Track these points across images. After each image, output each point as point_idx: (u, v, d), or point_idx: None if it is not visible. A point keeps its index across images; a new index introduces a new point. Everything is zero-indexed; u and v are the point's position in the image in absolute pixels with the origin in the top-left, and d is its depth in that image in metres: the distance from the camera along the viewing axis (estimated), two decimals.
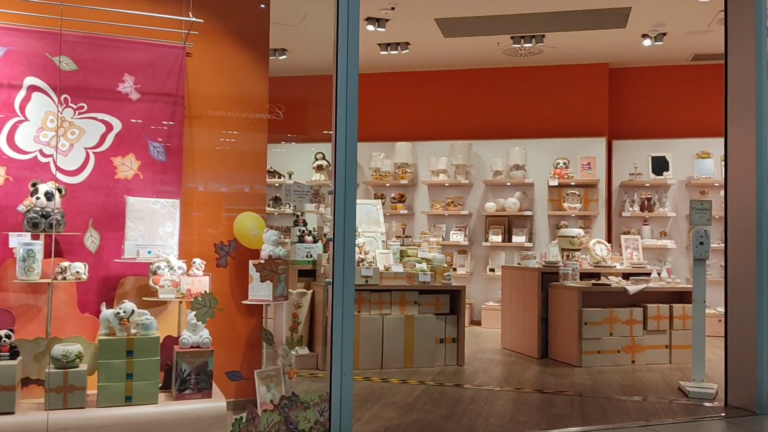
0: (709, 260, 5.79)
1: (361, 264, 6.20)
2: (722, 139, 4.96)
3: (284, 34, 7.95)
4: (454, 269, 9.26)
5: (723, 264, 4.91)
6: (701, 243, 5.32)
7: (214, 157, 4.45)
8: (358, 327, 5.94)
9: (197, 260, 4.01)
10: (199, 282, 3.91)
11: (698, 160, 9.08)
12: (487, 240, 9.40)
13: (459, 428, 4.18)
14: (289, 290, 5.81)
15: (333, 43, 3.73)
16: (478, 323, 9.20)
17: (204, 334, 3.71)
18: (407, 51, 8.90)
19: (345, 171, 3.77)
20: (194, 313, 3.66)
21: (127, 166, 4.11)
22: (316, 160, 9.43)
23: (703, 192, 9.05)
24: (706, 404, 4.87)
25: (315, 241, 6.23)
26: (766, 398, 4.57)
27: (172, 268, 3.87)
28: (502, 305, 7.59)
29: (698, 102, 9.20)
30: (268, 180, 9.11)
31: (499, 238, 9.34)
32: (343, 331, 3.69)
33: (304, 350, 5.97)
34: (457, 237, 9.51)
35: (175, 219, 4.07)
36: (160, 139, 4.20)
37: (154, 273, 3.89)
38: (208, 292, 3.75)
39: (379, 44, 8.76)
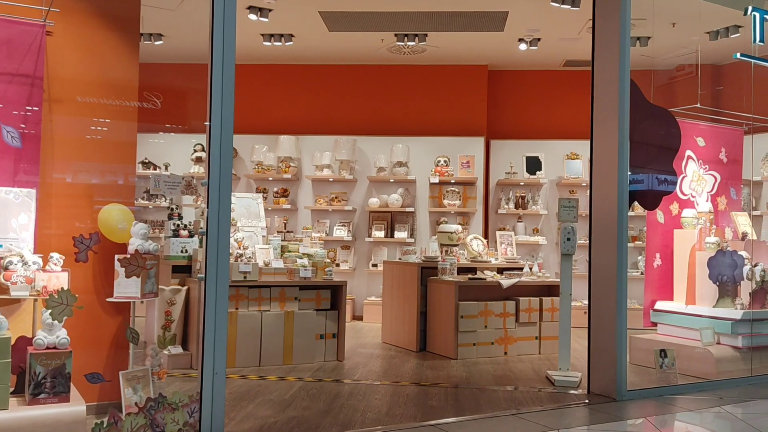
0: (576, 255, 6.13)
1: (239, 259, 6.03)
2: (589, 142, 5.22)
3: (161, 18, 7.60)
4: (338, 265, 9.24)
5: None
6: (568, 239, 5.60)
7: (77, 144, 4.16)
8: (236, 324, 5.78)
9: (55, 255, 3.73)
10: (57, 278, 3.64)
11: (568, 161, 9.58)
12: (370, 235, 9.46)
13: (336, 423, 4.16)
14: (161, 287, 5.56)
15: (208, 29, 3.59)
16: (360, 318, 9.24)
17: (61, 335, 3.46)
18: (291, 43, 8.78)
19: (220, 162, 3.66)
20: (49, 311, 3.40)
21: None
22: (195, 151, 9.12)
23: (572, 191, 9.56)
24: (571, 392, 5.13)
25: (191, 236, 6.00)
26: (625, 386, 4.88)
27: (26, 263, 3.58)
28: (383, 300, 7.66)
29: (569, 106, 9.69)
30: (142, 171, 8.73)
31: (382, 234, 9.42)
32: (216, 328, 3.57)
33: (177, 349, 5.73)
34: (341, 232, 9.50)
35: (31, 210, 3.76)
36: (22, 126, 3.87)
37: (6, 268, 3.58)
38: (65, 288, 3.49)
39: (263, 35, 8.58)
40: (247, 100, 9.56)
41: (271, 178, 9.62)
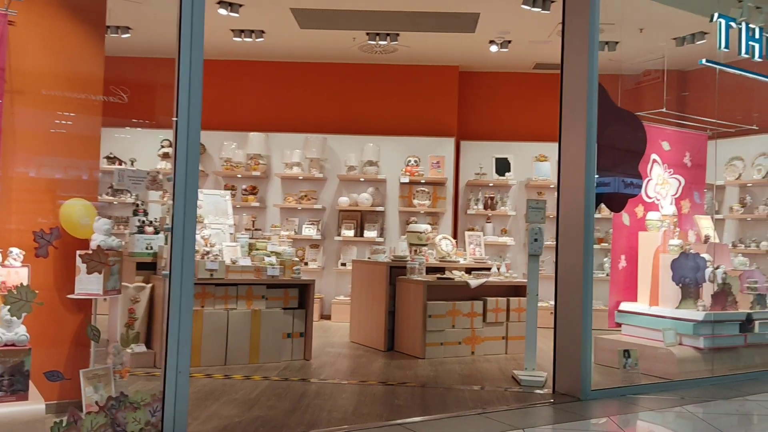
0: (543, 256, 6.18)
1: (206, 257, 5.96)
2: (558, 144, 5.27)
3: (128, 10, 7.47)
4: (306, 263, 9.19)
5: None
6: (536, 240, 5.64)
7: (39, 138, 4.06)
8: (202, 322, 5.71)
9: (14, 250, 3.64)
10: (16, 273, 3.55)
11: (537, 163, 9.67)
12: (339, 234, 9.43)
13: (301, 423, 4.13)
14: (125, 284, 5.47)
15: (176, 23, 3.53)
16: (329, 317, 9.21)
17: (20, 331, 3.37)
18: (262, 39, 8.70)
19: (186, 159, 3.59)
20: (8, 307, 3.32)
21: None
22: (162, 147, 8.98)
23: (540, 193, 9.65)
24: (537, 391, 5.18)
25: (156, 232, 5.91)
26: (589, 385, 4.93)
27: None
28: (352, 299, 7.64)
29: (539, 108, 9.77)
30: (107, 166, 8.57)
31: (351, 233, 9.39)
32: (180, 326, 3.52)
33: (141, 347, 5.64)
34: (310, 231, 9.45)
35: None
36: None
37: None
38: (25, 284, 3.40)
39: (233, 30, 8.50)
40: (216, 95, 9.45)
41: (239, 176, 9.53)
